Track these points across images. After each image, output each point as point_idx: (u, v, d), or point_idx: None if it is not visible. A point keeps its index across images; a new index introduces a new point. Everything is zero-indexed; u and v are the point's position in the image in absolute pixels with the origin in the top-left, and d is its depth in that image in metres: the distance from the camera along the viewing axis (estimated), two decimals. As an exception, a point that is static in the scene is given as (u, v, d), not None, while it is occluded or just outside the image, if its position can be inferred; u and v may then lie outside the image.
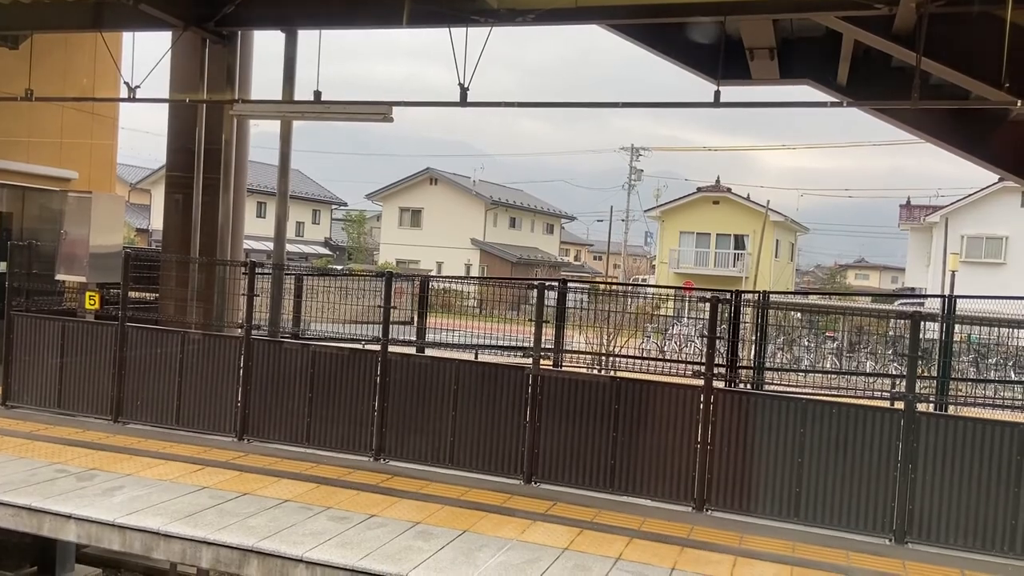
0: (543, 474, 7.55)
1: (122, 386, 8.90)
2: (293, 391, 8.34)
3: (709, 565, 5.86)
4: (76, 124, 12.49)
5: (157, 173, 42.06)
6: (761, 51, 8.50)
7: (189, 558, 5.99)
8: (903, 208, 40.83)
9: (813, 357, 12.20)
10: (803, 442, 6.85)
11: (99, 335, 9.08)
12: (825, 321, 13.03)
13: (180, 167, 10.73)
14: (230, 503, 6.53)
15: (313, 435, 8.25)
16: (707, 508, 7.05)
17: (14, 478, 6.84)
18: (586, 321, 9.84)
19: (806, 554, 6.21)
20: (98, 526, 6.14)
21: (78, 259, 9.79)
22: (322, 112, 9.07)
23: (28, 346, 9.30)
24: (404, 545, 5.85)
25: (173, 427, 8.70)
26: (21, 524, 6.40)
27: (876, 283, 72.00)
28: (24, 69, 10.23)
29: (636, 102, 8.65)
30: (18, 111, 11.26)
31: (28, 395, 9.31)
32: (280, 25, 9.85)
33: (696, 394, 7.20)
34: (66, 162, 12.46)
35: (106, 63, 11.63)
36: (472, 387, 7.80)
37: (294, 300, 9.96)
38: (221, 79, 10.18)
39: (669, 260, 42.60)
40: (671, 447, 7.20)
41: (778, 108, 8.08)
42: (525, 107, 8.80)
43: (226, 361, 8.62)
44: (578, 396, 7.49)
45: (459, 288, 13.08)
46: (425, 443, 7.90)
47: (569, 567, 5.66)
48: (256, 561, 5.73)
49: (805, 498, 6.82)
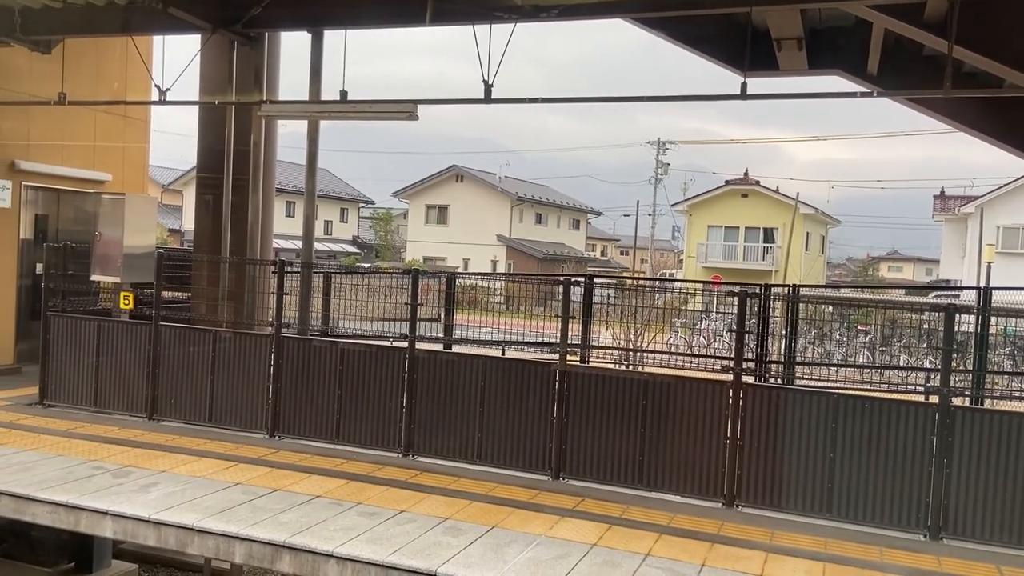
0: (571, 470, 7.54)
1: (156, 384, 9.05)
2: (322, 388, 8.42)
3: (740, 561, 5.82)
4: (109, 127, 12.70)
5: (188, 174, 42.63)
6: (789, 41, 8.38)
7: (223, 553, 6.07)
8: (937, 199, 40.12)
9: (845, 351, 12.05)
10: (835, 437, 6.77)
11: (133, 334, 9.23)
12: (857, 314, 12.85)
13: (210, 168, 10.86)
14: (262, 499, 6.62)
15: (342, 431, 8.32)
16: (737, 504, 7.00)
17: (52, 475, 6.99)
18: (613, 317, 9.81)
19: (839, 550, 6.15)
20: (134, 522, 6.25)
21: (112, 260, 9.96)
22: (348, 111, 9.13)
23: (65, 346, 9.49)
24: (433, 540, 5.89)
25: (206, 424, 8.83)
26: (59, 521, 6.52)
27: (910, 275, 70.90)
28: (57, 74, 10.43)
29: (662, 96, 8.59)
30: (52, 115, 11.47)
31: (65, 394, 9.50)
32: (306, 26, 9.92)
33: (725, 389, 7.15)
34: (100, 165, 12.67)
35: (137, 67, 11.80)
36: (499, 383, 7.82)
37: (323, 298, 10.05)
38: (249, 80, 10.28)
39: (697, 254, 42.29)
40: (700, 443, 7.16)
41: (807, 99, 7.98)
42: (550, 103, 8.78)
43: (257, 359, 8.73)
44: (605, 392, 7.47)
45: (485, 285, 13.11)
46: (453, 439, 7.94)
47: (598, 563, 5.65)
48: (288, 556, 5.80)
49: (837, 494, 6.74)
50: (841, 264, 70.63)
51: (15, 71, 11.23)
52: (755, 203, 41.98)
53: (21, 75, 11.26)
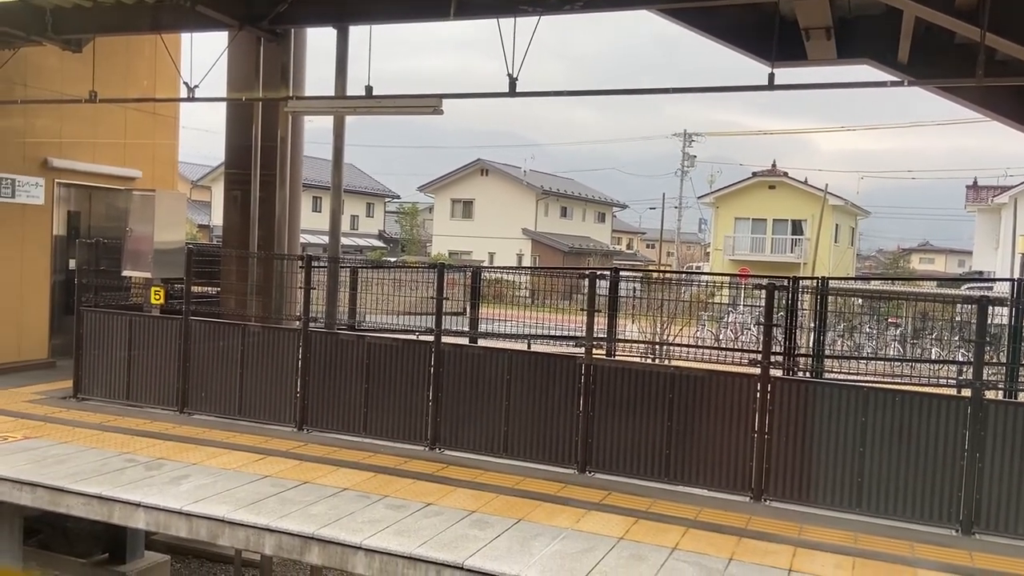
0: (597, 463, 7.54)
1: (187, 378, 9.18)
2: (350, 382, 8.49)
3: (768, 556, 5.78)
4: (139, 125, 12.87)
5: (217, 170, 43.11)
6: (817, 31, 8.26)
7: (253, 545, 6.15)
8: (969, 189, 39.37)
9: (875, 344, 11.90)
10: (865, 431, 6.69)
11: (164, 329, 9.37)
12: (887, 307, 12.68)
13: (238, 164, 10.97)
14: (291, 491, 6.69)
15: (369, 425, 8.38)
16: (765, 498, 6.96)
17: (86, 468, 7.12)
18: (639, 310, 9.77)
19: (869, 545, 6.08)
20: (166, 514, 6.35)
21: (143, 255, 10.09)
22: (373, 107, 9.16)
23: (97, 340, 9.65)
24: (460, 533, 5.92)
25: (235, 417, 8.94)
26: (93, 512, 6.64)
27: (942, 267, 69.80)
28: (88, 72, 10.58)
29: (688, 87, 8.51)
30: (83, 113, 11.65)
31: (98, 387, 9.67)
32: (332, 21, 9.97)
33: (753, 383, 7.10)
34: (130, 161, 12.85)
35: (165, 65, 11.94)
36: (525, 377, 7.83)
37: (349, 292, 10.12)
38: (276, 77, 10.36)
39: (724, 247, 41.97)
40: (727, 436, 7.12)
41: (836, 89, 7.86)
42: (575, 96, 8.74)
43: (285, 353, 8.82)
44: (632, 385, 7.45)
45: (511, 278, 13.11)
46: (479, 433, 7.96)
47: (625, 556, 5.65)
48: (317, 548, 5.86)
49: (868, 488, 6.67)
50: (871, 256, 69.71)
51: (47, 70, 11.42)
52: (783, 195, 41.54)
53: (53, 74, 11.45)
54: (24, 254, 11.46)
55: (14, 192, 11.28)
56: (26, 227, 11.49)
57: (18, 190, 11.33)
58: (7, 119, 11.18)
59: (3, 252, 11.15)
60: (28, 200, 11.49)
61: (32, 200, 11.55)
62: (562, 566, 5.43)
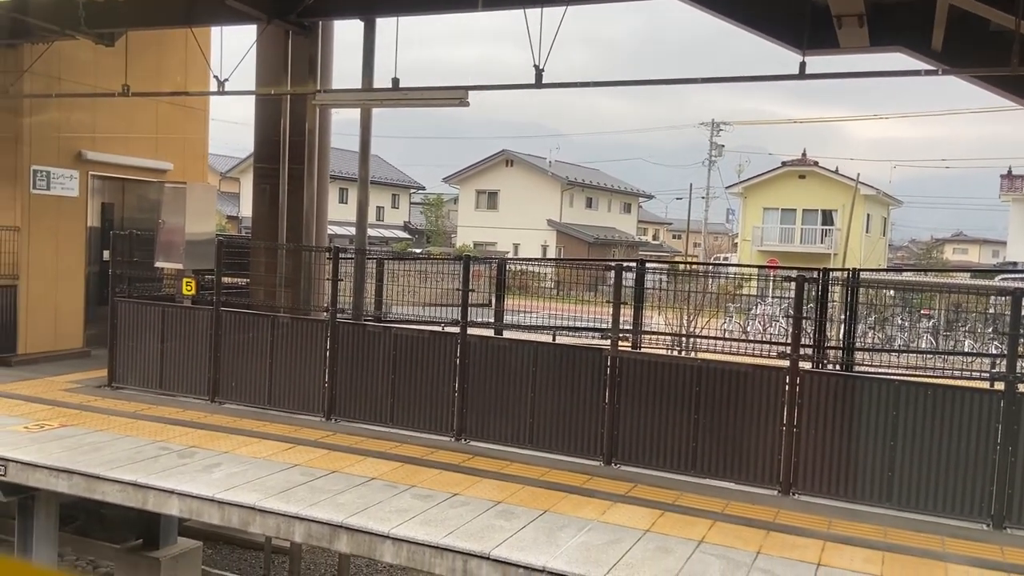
0: (623, 455, 7.54)
1: (218, 368, 9.32)
2: (376, 372, 8.56)
3: (796, 549, 5.76)
4: (170, 118, 13.03)
5: (246, 162, 43.49)
6: (850, 18, 8.13)
7: (283, 532, 6.25)
8: (1004, 178, 38.61)
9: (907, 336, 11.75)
10: (896, 425, 6.62)
11: (196, 319, 9.51)
12: (920, 299, 12.50)
13: (267, 159, 11.07)
14: (320, 480, 6.77)
15: (396, 415, 8.45)
16: (793, 492, 6.91)
17: (121, 455, 7.26)
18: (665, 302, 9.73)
19: (898, 539, 6.03)
20: (199, 501, 6.46)
21: (175, 247, 10.24)
22: (400, 99, 9.20)
23: (131, 330, 9.82)
24: (486, 524, 5.96)
25: (265, 407, 9.06)
26: (128, 499, 6.77)
27: (975, 257, 68.59)
28: (120, 66, 10.73)
29: (716, 77, 8.44)
30: (116, 107, 11.81)
31: (132, 376, 9.84)
32: (359, 14, 10.01)
33: (781, 375, 7.05)
34: (162, 154, 13.02)
35: (196, 59, 12.07)
36: (550, 369, 7.84)
37: (376, 284, 10.19)
38: (304, 69, 10.43)
39: (752, 238, 41.56)
40: (755, 430, 7.08)
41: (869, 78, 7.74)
42: (602, 87, 8.70)
43: (313, 343, 8.91)
44: (658, 378, 7.44)
45: (536, 270, 13.11)
46: (504, 424, 8.00)
47: (651, 549, 5.65)
48: (345, 536, 5.94)
49: (898, 482, 6.61)
50: (903, 246, 68.72)
51: (81, 64, 11.59)
52: (813, 184, 41.02)
53: (87, 68, 11.62)
54: (59, 245, 11.68)
55: (49, 184, 11.49)
56: (61, 219, 11.70)
57: (53, 182, 11.54)
58: (42, 113, 11.38)
59: (39, 243, 11.36)
60: (63, 192, 11.70)
61: (67, 192, 11.76)
62: (588, 557, 5.45)
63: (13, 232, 11.05)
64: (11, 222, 11.09)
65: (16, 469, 7.13)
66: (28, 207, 11.21)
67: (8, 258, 11.01)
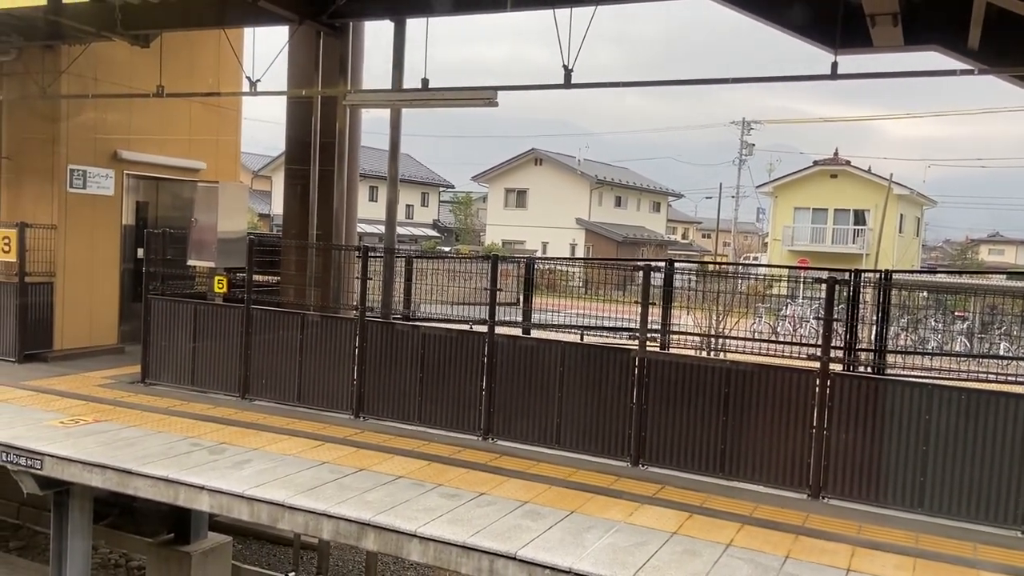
0: (650, 457, 7.51)
1: (248, 365, 9.43)
2: (405, 371, 8.60)
3: (825, 554, 5.70)
4: (203, 118, 13.20)
5: (276, 160, 43.95)
6: (883, 17, 8.01)
7: (311, 529, 6.31)
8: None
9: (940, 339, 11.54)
10: (928, 429, 6.53)
11: (227, 317, 9.63)
12: (954, 300, 12.28)
13: (298, 159, 11.18)
14: (348, 478, 6.83)
15: (424, 414, 8.50)
16: (823, 496, 6.84)
17: (153, 451, 7.38)
18: (694, 302, 9.66)
19: (930, 545, 5.94)
20: (228, 497, 6.54)
21: (207, 245, 10.37)
22: (429, 99, 9.23)
23: (164, 327, 9.98)
24: (513, 524, 5.97)
25: (295, 404, 9.15)
26: (159, 494, 6.88)
27: (1012, 258, 67.26)
28: (155, 67, 10.90)
29: (748, 77, 8.36)
30: (151, 107, 12.00)
31: (165, 373, 10.00)
32: (389, 14, 10.07)
33: (811, 378, 6.97)
34: (195, 153, 13.20)
35: (228, 60, 12.22)
36: (578, 369, 7.83)
37: (404, 283, 10.24)
38: (335, 69, 10.52)
39: (783, 237, 41.13)
40: (784, 432, 7.01)
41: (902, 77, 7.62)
42: (631, 87, 8.66)
43: (342, 342, 8.98)
44: (686, 379, 7.40)
45: (564, 269, 13.09)
46: (532, 424, 8.00)
47: (678, 551, 5.63)
48: (373, 534, 5.98)
49: (930, 488, 6.51)
50: (937, 247, 67.60)
51: (117, 65, 11.79)
52: (845, 184, 40.49)
53: (123, 69, 11.82)
54: (95, 243, 11.89)
55: (85, 183, 11.70)
56: (97, 217, 11.91)
57: (89, 181, 11.75)
58: (79, 113, 11.59)
59: (75, 241, 11.58)
60: (99, 191, 11.91)
61: (102, 191, 11.96)
62: (615, 559, 5.44)
63: (50, 230, 11.27)
64: (48, 220, 11.32)
65: (52, 463, 7.28)
66: (65, 206, 11.44)
67: (45, 255, 11.23)
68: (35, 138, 11.53)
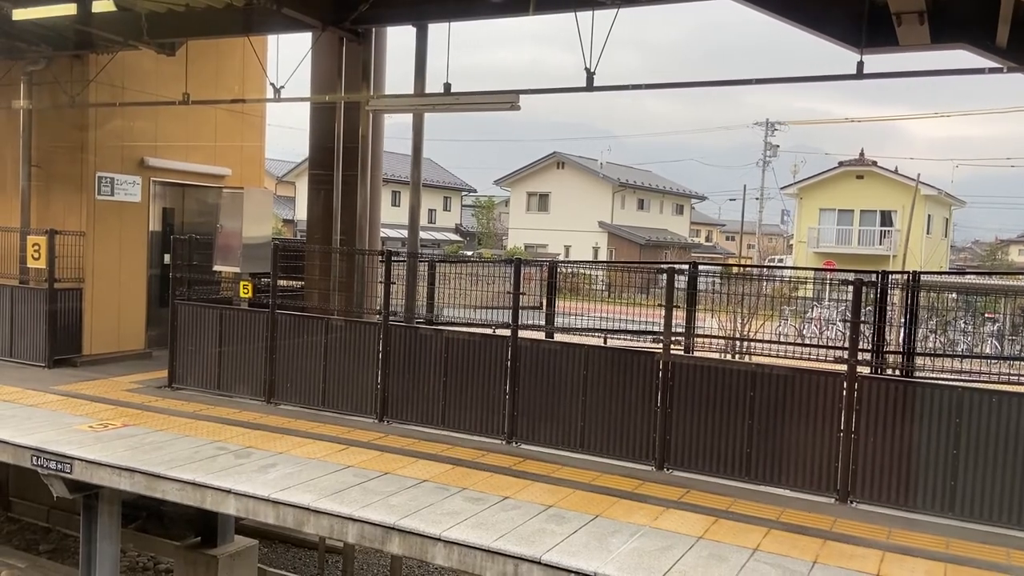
0: (675, 461, 7.46)
1: (273, 369, 9.50)
2: (428, 375, 8.62)
3: (854, 560, 5.62)
4: (228, 124, 13.34)
5: (300, 166, 44.35)
6: (909, 15, 7.91)
7: (336, 533, 6.33)
8: (1075, 177, 37.11)
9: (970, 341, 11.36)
10: (959, 432, 6.42)
11: (252, 322, 9.71)
12: (984, 302, 12.09)
13: (321, 165, 11.24)
14: (373, 482, 6.85)
15: (448, 418, 8.51)
16: (851, 500, 6.75)
17: (180, 455, 7.45)
18: (718, 305, 9.59)
19: (962, 551, 5.84)
20: (255, 501, 6.59)
21: (233, 250, 10.46)
22: (452, 104, 9.25)
23: (190, 332, 10.08)
24: (537, 528, 5.95)
25: (320, 408, 9.20)
26: (186, 498, 6.94)
27: (1043, 259, 66.01)
28: (180, 75, 11.04)
29: (772, 78, 8.30)
30: (177, 115, 12.15)
31: (191, 377, 10.10)
32: (412, 20, 10.11)
33: (839, 381, 6.89)
34: (220, 160, 13.34)
35: (253, 67, 12.34)
36: (602, 372, 7.80)
37: (427, 287, 10.27)
38: (357, 75, 10.58)
39: (808, 239, 40.75)
40: (812, 436, 6.93)
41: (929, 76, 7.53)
42: (654, 89, 8.64)
43: (366, 346, 9.02)
44: (711, 382, 7.34)
45: (587, 272, 13.06)
46: (555, 428, 7.98)
47: (704, 556, 5.58)
48: (398, 538, 5.99)
49: (961, 492, 6.41)
50: (966, 247, 66.64)
51: (143, 73, 11.95)
52: (871, 184, 40.04)
53: (149, 77, 11.98)
54: (122, 249, 12.06)
55: (113, 190, 11.87)
56: (124, 224, 12.07)
57: (117, 188, 11.92)
58: (107, 121, 11.77)
59: (103, 247, 11.74)
60: (126, 198, 12.07)
61: (129, 198, 12.13)
62: (640, 564, 5.40)
63: (79, 237, 11.44)
64: (77, 227, 11.49)
65: (81, 467, 7.38)
66: (93, 212, 11.60)
67: (74, 262, 11.40)
68: (64, 146, 11.72)
